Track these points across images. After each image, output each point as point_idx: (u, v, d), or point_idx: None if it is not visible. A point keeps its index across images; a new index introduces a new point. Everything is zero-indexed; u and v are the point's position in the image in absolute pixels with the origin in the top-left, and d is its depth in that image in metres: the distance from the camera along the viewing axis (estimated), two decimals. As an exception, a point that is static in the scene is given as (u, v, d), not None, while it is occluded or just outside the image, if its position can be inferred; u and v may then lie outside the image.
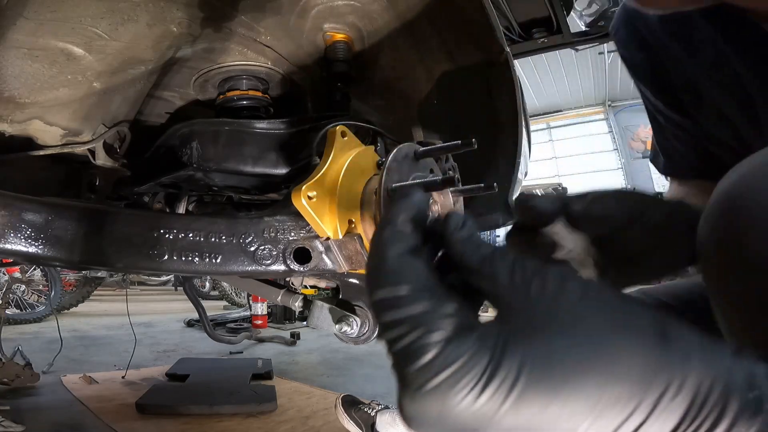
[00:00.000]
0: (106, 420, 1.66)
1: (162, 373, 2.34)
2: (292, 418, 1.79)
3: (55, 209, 0.65)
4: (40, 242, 0.63)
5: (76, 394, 1.96)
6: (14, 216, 0.61)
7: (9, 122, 0.78)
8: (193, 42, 0.83)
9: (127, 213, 0.70)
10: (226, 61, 0.89)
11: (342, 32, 0.84)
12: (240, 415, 1.78)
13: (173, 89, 0.97)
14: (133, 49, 0.76)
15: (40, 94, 0.75)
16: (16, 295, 3.89)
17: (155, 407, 1.78)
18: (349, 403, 1.67)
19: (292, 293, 0.83)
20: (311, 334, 3.64)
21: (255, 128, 0.83)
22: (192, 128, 0.84)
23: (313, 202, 0.62)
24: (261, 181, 0.88)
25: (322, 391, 2.16)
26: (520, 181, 1.06)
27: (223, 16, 0.79)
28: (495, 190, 0.58)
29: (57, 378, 2.18)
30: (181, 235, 0.69)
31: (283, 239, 0.70)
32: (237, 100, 0.91)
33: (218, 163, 0.82)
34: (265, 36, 0.85)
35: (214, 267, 0.69)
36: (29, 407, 1.78)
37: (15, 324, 3.61)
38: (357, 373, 2.56)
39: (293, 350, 3.25)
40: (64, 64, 0.72)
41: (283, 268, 0.69)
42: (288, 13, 0.80)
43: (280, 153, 0.83)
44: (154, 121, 1.04)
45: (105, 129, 0.87)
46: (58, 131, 0.83)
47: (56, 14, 0.66)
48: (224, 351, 3.04)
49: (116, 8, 0.69)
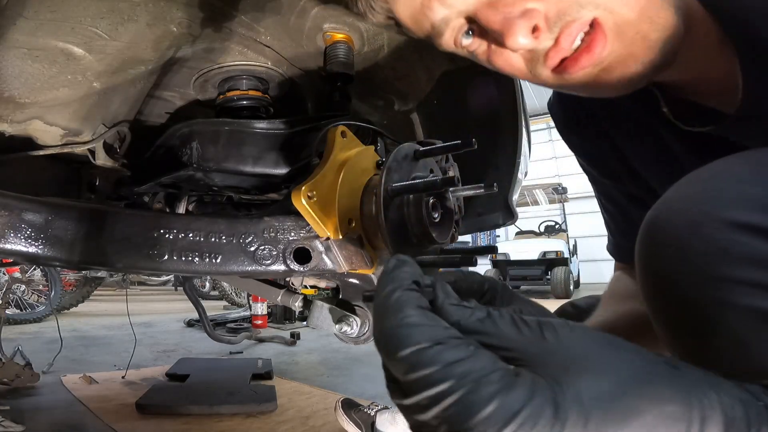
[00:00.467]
0: (106, 420, 1.66)
1: (162, 373, 2.34)
2: (292, 418, 1.79)
3: (55, 209, 0.65)
4: (40, 242, 0.63)
5: (76, 394, 1.96)
6: (14, 216, 0.62)
7: (9, 122, 0.78)
8: (193, 42, 0.83)
9: (127, 213, 0.70)
10: (226, 61, 0.89)
11: (342, 32, 0.84)
12: (240, 415, 1.78)
13: (173, 89, 0.97)
14: (133, 49, 0.76)
15: (40, 94, 0.75)
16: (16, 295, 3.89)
17: (155, 407, 1.78)
18: (349, 405, 1.67)
19: (292, 293, 0.83)
20: (311, 334, 3.64)
21: (255, 128, 0.83)
22: (192, 128, 0.84)
23: (313, 202, 0.62)
24: (261, 181, 0.88)
25: (322, 391, 2.15)
26: (520, 181, 1.06)
27: (223, 16, 0.79)
28: (495, 190, 0.58)
29: (57, 378, 2.18)
30: (181, 235, 0.69)
31: (283, 239, 0.70)
32: (237, 100, 0.91)
33: (218, 163, 0.82)
34: (265, 36, 0.85)
35: (214, 267, 0.69)
36: (29, 407, 1.78)
37: (15, 324, 3.61)
38: (357, 373, 2.56)
39: (293, 350, 3.25)
40: (64, 64, 0.72)
41: (283, 268, 0.70)
42: (288, 13, 0.80)
43: (280, 153, 0.83)
44: (154, 121, 1.04)
45: (105, 129, 0.87)
46: (58, 131, 0.83)
47: (56, 14, 0.66)
48: (224, 351, 3.04)
49: (116, 8, 0.69)
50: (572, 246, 8.76)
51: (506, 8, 0.49)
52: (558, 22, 0.49)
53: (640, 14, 0.48)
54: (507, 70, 0.56)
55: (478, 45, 0.55)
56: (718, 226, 0.36)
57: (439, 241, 0.63)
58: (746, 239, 0.35)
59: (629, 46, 0.49)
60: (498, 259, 8.29)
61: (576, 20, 0.48)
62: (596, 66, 0.50)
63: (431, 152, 0.62)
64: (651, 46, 0.49)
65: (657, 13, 0.48)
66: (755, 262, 0.34)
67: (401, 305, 0.29)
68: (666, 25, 0.48)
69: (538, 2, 0.48)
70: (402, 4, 0.55)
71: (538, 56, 0.52)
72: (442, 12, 0.53)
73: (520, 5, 0.48)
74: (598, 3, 0.48)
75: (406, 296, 0.30)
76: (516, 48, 0.50)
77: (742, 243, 0.35)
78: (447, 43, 0.56)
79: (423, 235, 0.61)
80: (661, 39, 0.49)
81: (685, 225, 0.38)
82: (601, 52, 0.48)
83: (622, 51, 0.49)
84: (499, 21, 0.49)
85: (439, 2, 0.52)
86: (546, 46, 0.50)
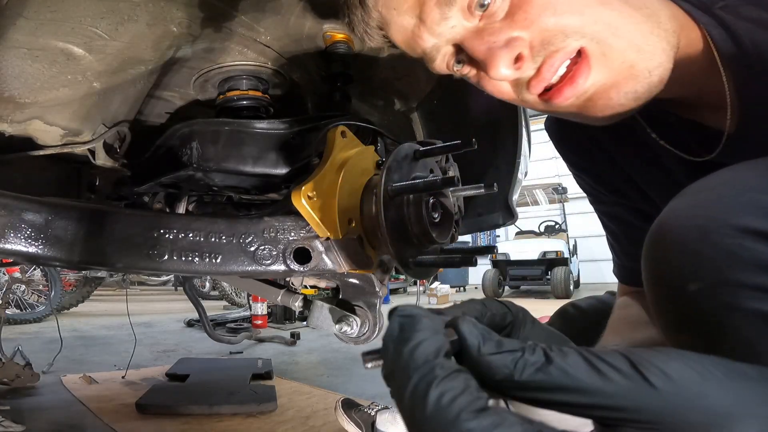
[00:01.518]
0: (106, 420, 1.66)
1: (162, 373, 2.34)
2: (292, 418, 1.79)
3: (55, 209, 0.65)
4: (40, 242, 0.63)
5: (76, 394, 1.96)
6: (14, 216, 0.62)
7: (9, 122, 0.78)
8: (193, 42, 0.83)
9: (127, 213, 0.69)
10: (226, 61, 0.89)
11: (342, 32, 0.84)
12: (240, 415, 1.78)
13: (173, 89, 0.97)
14: (133, 49, 0.76)
15: (40, 94, 0.75)
16: (16, 295, 3.89)
17: (155, 407, 1.78)
18: (349, 405, 1.67)
19: (292, 293, 0.82)
20: (311, 334, 3.64)
21: (255, 128, 0.83)
22: (192, 128, 0.84)
23: (312, 202, 0.62)
24: (261, 181, 0.88)
25: (322, 391, 2.15)
26: (520, 181, 1.06)
27: (223, 16, 0.79)
28: (495, 190, 0.58)
29: (57, 378, 2.18)
30: (181, 235, 0.69)
31: (283, 239, 0.70)
32: (237, 100, 0.91)
33: (218, 163, 0.82)
34: (265, 36, 0.85)
35: (214, 267, 0.69)
36: (29, 407, 1.78)
37: (15, 324, 3.62)
38: (357, 373, 2.56)
39: (293, 350, 3.25)
40: (64, 64, 0.72)
41: (283, 268, 0.69)
42: (288, 13, 0.80)
43: (280, 153, 0.83)
44: (154, 121, 1.04)
45: (105, 129, 0.87)
46: (58, 131, 0.83)
47: (56, 14, 0.66)
48: (224, 351, 3.04)
49: (116, 8, 0.69)
50: (572, 246, 8.75)
51: (491, 37, 0.50)
52: (542, 51, 0.49)
53: (628, 43, 0.48)
54: (497, 96, 0.57)
55: (469, 70, 0.56)
56: (726, 231, 0.36)
57: (439, 241, 0.63)
58: (755, 245, 0.35)
59: (615, 75, 0.49)
60: (498, 259, 8.28)
61: (560, 50, 0.48)
62: (580, 97, 0.50)
63: (431, 152, 0.62)
64: (635, 76, 0.49)
65: (645, 41, 0.48)
66: (764, 268, 0.35)
67: (449, 411, 0.22)
68: (654, 53, 0.49)
69: (523, 30, 0.49)
70: (395, 32, 0.57)
71: (523, 83, 0.53)
72: (431, 41, 0.54)
73: (505, 34, 0.49)
74: (585, 32, 0.48)
75: (450, 391, 0.22)
76: (498, 78, 0.51)
77: (751, 249, 0.35)
78: (440, 68, 0.57)
79: (423, 235, 0.61)
80: (647, 69, 0.49)
81: (694, 230, 0.38)
82: (584, 83, 0.49)
83: (606, 81, 0.49)
84: (483, 51, 0.50)
85: (428, 32, 0.53)
86: (529, 75, 0.51)
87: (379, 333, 0.72)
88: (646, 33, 0.49)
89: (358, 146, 0.73)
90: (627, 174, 0.71)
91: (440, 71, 0.58)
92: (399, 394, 0.24)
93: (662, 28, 0.50)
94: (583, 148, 0.76)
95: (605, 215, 0.80)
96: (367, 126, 0.83)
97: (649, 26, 0.49)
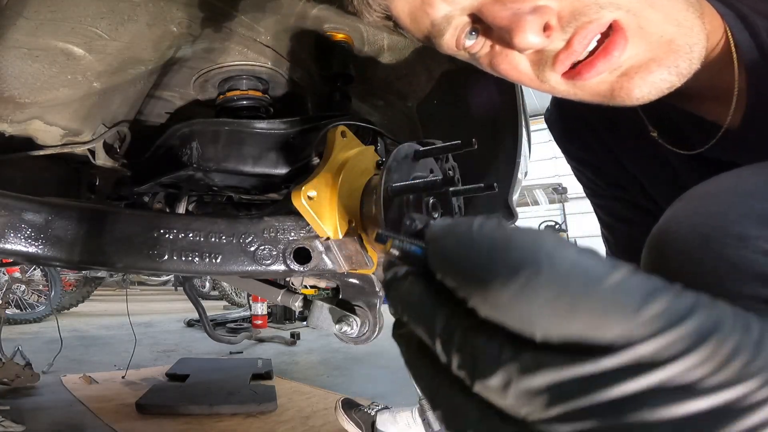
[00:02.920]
0: (106, 420, 1.66)
1: (162, 373, 2.34)
2: (292, 418, 1.79)
3: (55, 209, 0.65)
4: (40, 242, 0.63)
5: (76, 394, 1.96)
6: (14, 216, 0.61)
7: (9, 122, 0.78)
8: (193, 42, 0.83)
9: (127, 213, 0.69)
10: (226, 61, 0.89)
11: (342, 32, 0.84)
12: (240, 415, 1.78)
13: (173, 89, 0.97)
14: (133, 49, 0.76)
15: (40, 94, 0.75)
16: (16, 295, 3.89)
17: (155, 407, 1.78)
18: (349, 405, 1.67)
19: (292, 293, 0.82)
20: (311, 334, 3.64)
21: (255, 128, 0.83)
22: (192, 128, 0.84)
23: (313, 202, 0.62)
24: (261, 181, 0.88)
25: (322, 391, 2.15)
26: (520, 181, 1.06)
27: (223, 16, 0.79)
28: (495, 190, 0.58)
29: (57, 378, 2.18)
30: (181, 235, 0.69)
31: (283, 239, 0.70)
32: (237, 100, 0.91)
33: (218, 163, 0.82)
34: (265, 36, 0.85)
35: (214, 267, 0.69)
36: (29, 407, 1.78)
37: (15, 324, 3.61)
38: (357, 373, 2.56)
39: (293, 350, 3.25)
40: (64, 64, 0.72)
41: (283, 268, 0.69)
42: (288, 13, 0.80)
43: (280, 153, 0.83)
44: (154, 121, 1.04)
45: (105, 129, 0.87)
46: (58, 131, 0.83)
47: (56, 14, 0.66)
48: (224, 351, 3.04)
49: (116, 8, 0.69)
50: (572, 246, 8.75)
51: (515, 4, 0.44)
52: (573, 22, 0.44)
53: (666, 17, 0.44)
54: (511, 75, 0.51)
55: (482, 46, 0.51)
56: (728, 242, 0.36)
57: (439, 241, 0.62)
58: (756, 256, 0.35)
59: (653, 50, 0.45)
60: (498, 259, 8.27)
61: (593, 21, 0.43)
62: (613, 72, 0.46)
63: (431, 152, 0.62)
64: (676, 50, 0.45)
65: (683, 15, 0.45)
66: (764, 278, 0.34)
67: None
68: (692, 28, 0.45)
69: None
70: (401, 1, 0.51)
71: (547, 59, 0.47)
72: (444, 9, 0.48)
73: (531, 1, 0.43)
74: (620, 4, 0.43)
75: None
76: (524, 47, 0.45)
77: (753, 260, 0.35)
78: (448, 44, 0.52)
79: (423, 235, 0.60)
80: (687, 44, 0.45)
81: (695, 239, 0.38)
82: (620, 56, 0.44)
83: (645, 55, 0.45)
84: (507, 17, 0.44)
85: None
86: (556, 47, 0.46)
87: (379, 333, 0.72)
88: (682, 8, 0.45)
89: (358, 146, 0.73)
90: (626, 167, 0.71)
91: (447, 49, 0.52)
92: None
93: (695, 8, 0.46)
94: (584, 141, 0.74)
95: (601, 209, 0.79)
96: (367, 126, 0.83)
97: (684, 2, 0.46)
